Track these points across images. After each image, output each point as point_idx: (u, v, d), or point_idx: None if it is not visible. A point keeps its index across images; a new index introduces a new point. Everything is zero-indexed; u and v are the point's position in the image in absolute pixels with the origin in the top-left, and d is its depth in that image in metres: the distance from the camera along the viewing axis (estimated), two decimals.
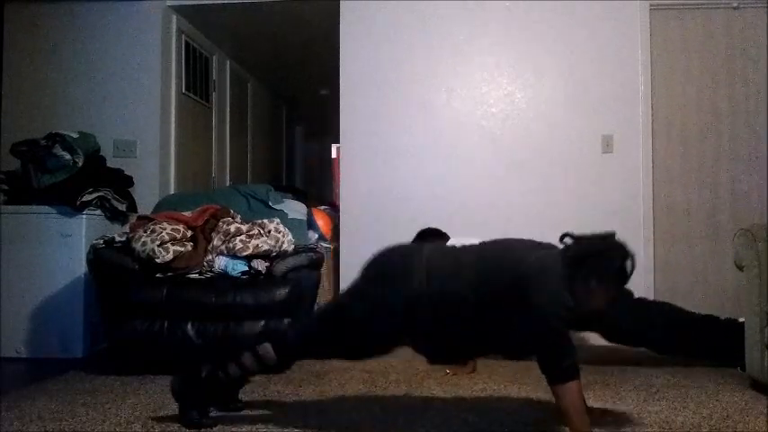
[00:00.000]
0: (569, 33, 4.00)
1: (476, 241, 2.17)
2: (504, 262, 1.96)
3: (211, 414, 2.14)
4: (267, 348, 2.07)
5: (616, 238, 2.00)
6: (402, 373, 2.95)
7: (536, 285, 1.86)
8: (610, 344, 3.08)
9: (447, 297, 1.95)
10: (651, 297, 3.86)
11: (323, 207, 4.48)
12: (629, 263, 1.92)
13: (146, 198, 3.98)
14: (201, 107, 4.98)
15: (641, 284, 3.84)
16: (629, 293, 2.96)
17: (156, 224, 3.13)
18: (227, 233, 3.17)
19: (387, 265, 2.08)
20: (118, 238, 3.17)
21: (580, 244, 1.96)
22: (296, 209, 3.98)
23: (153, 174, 4.13)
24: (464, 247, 2.10)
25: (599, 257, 1.93)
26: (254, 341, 2.13)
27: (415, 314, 1.96)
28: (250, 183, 5.70)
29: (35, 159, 3.55)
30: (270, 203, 3.87)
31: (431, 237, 3.28)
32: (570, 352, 1.84)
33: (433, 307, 1.95)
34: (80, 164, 3.60)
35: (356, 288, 2.13)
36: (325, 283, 4.02)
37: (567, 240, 1.98)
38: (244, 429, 2.06)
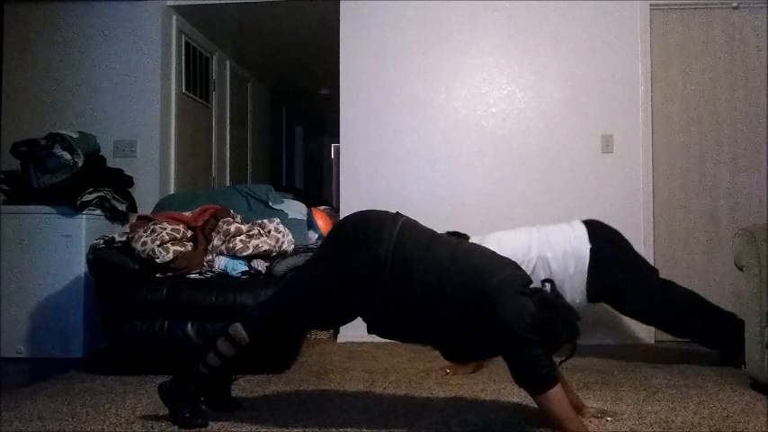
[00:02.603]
0: (569, 33, 4.00)
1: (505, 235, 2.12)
2: (475, 270, 1.94)
3: (207, 413, 2.15)
4: (237, 328, 2.05)
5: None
6: (402, 373, 2.95)
7: (502, 301, 1.85)
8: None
9: (409, 274, 1.92)
10: None
11: (323, 207, 4.48)
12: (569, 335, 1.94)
13: (146, 198, 3.98)
14: (201, 107, 4.98)
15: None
16: (654, 271, 3.14)
17: (156, 224, 3.13)
18: (227, 233, 3.17)
19: (355, 228, 2.04)
20: (118, 238, 3.17)
21: (554, 295, 1.98)
22: (296, 209, 3.97)
23: (153, 174, 4.13)
24: (440, 236, 2.10)
25: (561, 316, 1.93)
26: (225, 324, 2.10)
27: (374, 281, 1.94)
28: (250, 183, 5.70)
29: (35, 159, 3.55)
30: (270, 203, 3.87)
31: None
32: (543, 361, 1.83)
33: (393, 279, 1.93)
34: (80, 164, 3.59)
35: (320, 251, 2.10)
36: None
37: (547, 285, 2.01)
38: (243, 429, 2.06)
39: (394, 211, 2.12)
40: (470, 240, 3.10)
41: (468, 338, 1.96)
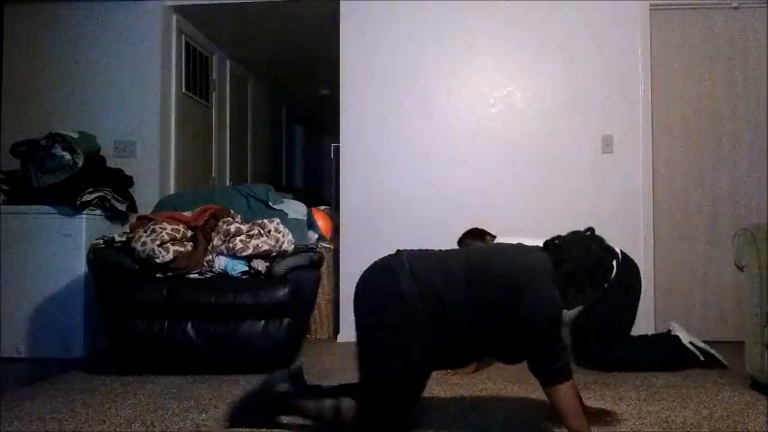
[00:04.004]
0: (569, 33, 4.00)
1: (528, 241, 2.15)
2: (494, 268, 1.93)
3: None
4: (350, 407, 1.98)
5: (595, 235, 1.99)
6: None
7: (529, 289, 1.84)
8: None
9: (438, 297, 1.91)
10: (651, 297, 3.86)
11: (323, 207, 4.48)
12: (612, 265, 1.98)
13: (146, 198, 3.98)
14: (201, 107, 4.98)
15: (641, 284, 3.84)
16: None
17: (156, 224, 3.13)
18: (227, 233, 3.17)
19: (371, 288, 2.01)
20: (118, 238, 3.17)
21: (567, 253, 1.94)
22: (296, 209, 3.97)
23: (153, 174, 4.13)
24: (448, 251, 2.08)
25: (587, 269, 1.93)
26: (338, 392, 2.06)
27: (420, 315, 1.90)
28: (250, 183, 5.70)
29: (35, 159, 3.55)
30: (270, 203, 3.87)
31: (472, 237, 3.24)
32: (562, 353, 1.84)
33: (428, 304, 1.90)
34: (80, 164, 3.60)
35: (363, 330, 2.03)
36: (325, 284, 4.02)
37: (552, 248, 1.98)
38: (243, 430, 2.05)
39: (394, 252, 2.05)
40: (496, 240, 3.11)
41: (513, 337, 1.92)
